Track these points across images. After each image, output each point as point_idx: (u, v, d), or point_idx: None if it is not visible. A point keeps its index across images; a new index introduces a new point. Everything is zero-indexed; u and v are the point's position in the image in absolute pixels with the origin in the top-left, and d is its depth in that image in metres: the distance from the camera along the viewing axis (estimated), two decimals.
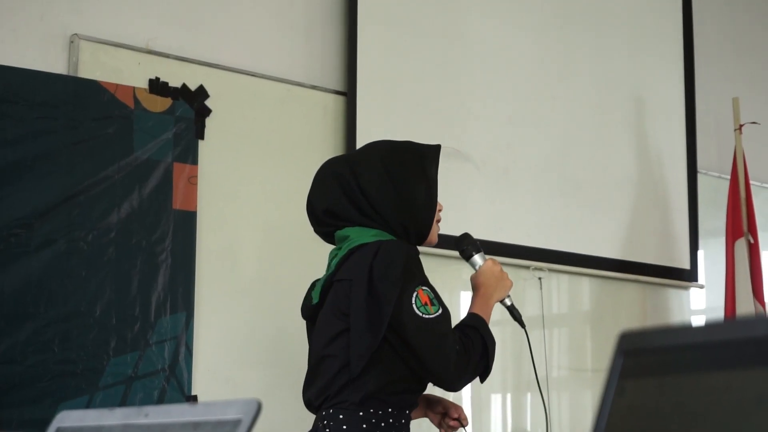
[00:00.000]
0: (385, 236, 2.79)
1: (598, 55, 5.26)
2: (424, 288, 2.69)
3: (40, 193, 3.63)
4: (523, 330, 3.02)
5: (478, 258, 2.99)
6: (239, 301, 4.04)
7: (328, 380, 2.74)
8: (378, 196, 2.81)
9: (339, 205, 2.84)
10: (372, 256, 2.70)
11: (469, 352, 2.72)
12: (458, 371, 2.70)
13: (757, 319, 0.79)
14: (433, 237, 2.92)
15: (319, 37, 4.44)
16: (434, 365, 2.69)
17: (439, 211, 2.93)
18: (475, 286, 2.94)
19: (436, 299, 2.71)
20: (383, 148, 2.94)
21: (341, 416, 2.70)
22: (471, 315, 2.85)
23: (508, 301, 2.99)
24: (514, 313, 3.01)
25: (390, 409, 2.74)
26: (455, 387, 2.80)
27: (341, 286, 2.77)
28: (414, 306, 2.65)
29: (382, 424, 2.70)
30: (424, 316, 2.65)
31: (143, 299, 3.77)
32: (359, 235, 2.80)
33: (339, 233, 2.88)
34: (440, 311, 2.69)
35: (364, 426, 2.69)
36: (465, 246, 3.00)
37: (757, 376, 0.79)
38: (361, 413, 2.70)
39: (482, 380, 2.86)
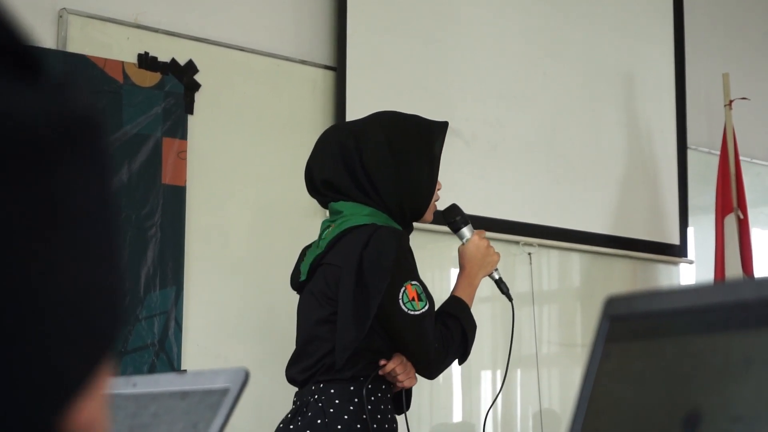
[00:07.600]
0: (380, 216, 2.78)
1: (588, 31, 5.24)
2: (413, 283, 2.71)
3: None
4: (511, 305, 3.04)
5: (466, 231, 2.97)
6: (229, 276, 4.04)
7: (316, 360, 2.77)
8: (379, 173, 2.79)
9: (338, 177, 2.82)
10: (363, 245, 2.68)
11: (448, 344, 2.76)
12: (437, 363, 2.79)
13: (744, 283, 0.79)
14: (428, 216, 2.92)
15: (309, 11, 4.42)
16: (415, 358, 2.76)
17: (438, 189, 2.92)
18: (461, 264, 2.94)
19: (424, 293, 2.73)
20: (390, 122, 2.89)
21: (332, 390, 2.72)
22: (453, 300, 2.87)
23: (496, 275, 3.01)
24: (501, 287, 3.03)
25: (384, 386, 2.77)
26: (432, 376, 2.91)
27: (330, 270, 2.76)
28: (401, 302, 2.68)
29: (372, 398, 2.72)
30: (410, 312, 2.68)
31: (132, 274, 3.77)
32: (352, 213, 2.79)
33: (333, 205, 2.85)
34: (426, 307, 2.71)
35: (356, 400, 2.71)
36: (453, 218, 2.98)
37: (744, 339, 0.79)
38: (352, 388, 2.72)
39: (460, 363, 2.93)
